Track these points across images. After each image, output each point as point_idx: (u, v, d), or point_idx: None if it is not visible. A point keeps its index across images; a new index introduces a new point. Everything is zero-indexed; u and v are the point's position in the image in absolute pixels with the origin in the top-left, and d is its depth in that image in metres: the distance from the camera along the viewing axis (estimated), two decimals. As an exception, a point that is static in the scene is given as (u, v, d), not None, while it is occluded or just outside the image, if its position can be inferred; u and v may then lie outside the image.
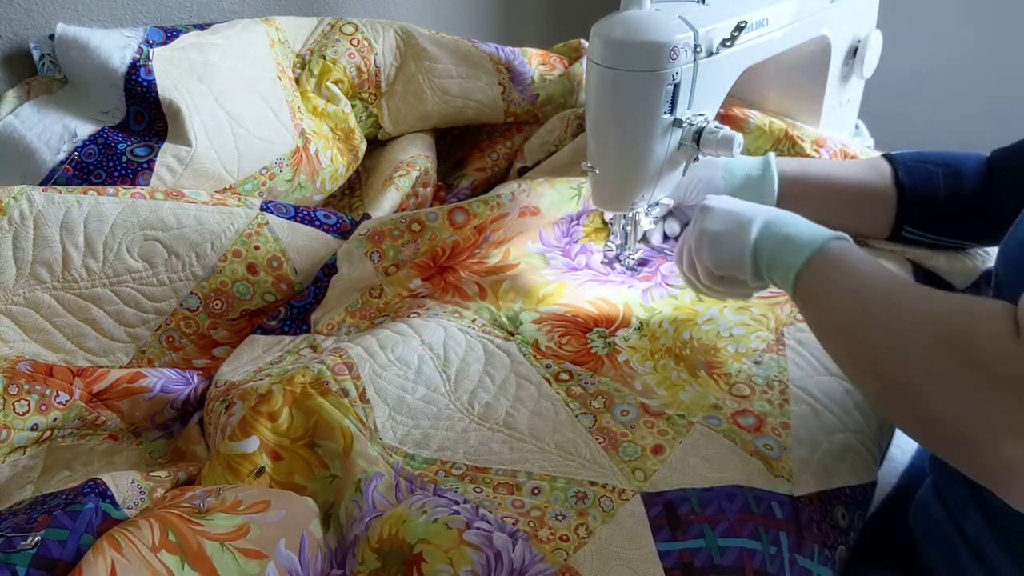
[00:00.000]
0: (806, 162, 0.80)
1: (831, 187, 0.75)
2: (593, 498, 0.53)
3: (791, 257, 0.55)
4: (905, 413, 0.47)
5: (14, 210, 0.64)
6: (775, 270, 0.57)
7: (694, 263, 0.64)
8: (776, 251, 0.57)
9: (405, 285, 0.77)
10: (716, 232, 0.61)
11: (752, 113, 0.90)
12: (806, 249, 0.55)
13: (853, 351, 0.51)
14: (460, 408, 0.63)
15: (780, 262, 0.56)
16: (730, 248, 0.60)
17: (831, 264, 0.54)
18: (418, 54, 0.95)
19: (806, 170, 0.76)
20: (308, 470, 0.57)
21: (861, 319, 0.50)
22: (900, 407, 0.47)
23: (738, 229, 0.60)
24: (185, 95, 0.74)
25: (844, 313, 0.51)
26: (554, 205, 0.82)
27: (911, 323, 0.46)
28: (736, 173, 0.78)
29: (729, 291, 0.65)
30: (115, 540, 0.45)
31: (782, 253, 0.56)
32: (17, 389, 0.61)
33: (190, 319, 0.72)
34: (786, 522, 0.53)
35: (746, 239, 0.59)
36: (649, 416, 0.62)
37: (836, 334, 0.53)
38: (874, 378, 0.49)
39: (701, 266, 0.64)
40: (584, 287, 0.79)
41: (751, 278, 0.60)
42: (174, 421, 0.68)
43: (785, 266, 0.56)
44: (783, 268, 0.56)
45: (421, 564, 0.48)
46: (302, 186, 0.84)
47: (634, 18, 0.64)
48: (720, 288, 0.64)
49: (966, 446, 0.43)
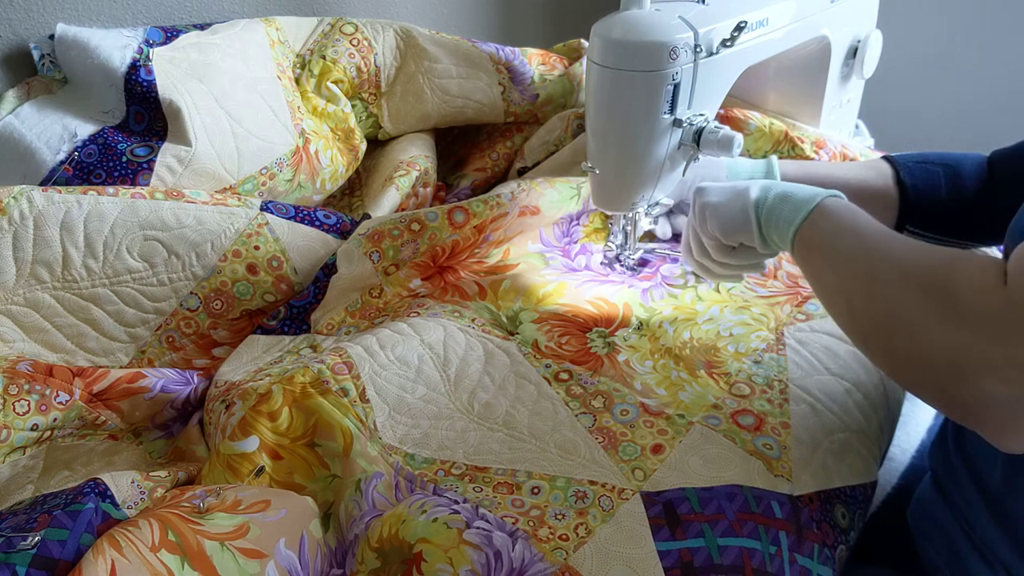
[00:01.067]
0: (807, 164, 0.80)
1: (833, 188, 0.76)
2: (593, 497, 0.53)
3: (789, 214, 0.58)
4: (891, 353, 0.49)
5: (14, 210, 0.64)
6: (774, 227, 0.59)
7: (702, 244, 0.66)
8: (775, 208, 0.59)
9: (405, 285, 0.77)
10: (717, 203, 0.63)
11: (752, 114, 0.90)
12: (804, 205, 0.57)
13: (849, 300, 0.52)
14: (460, 408, 0.63)
15: (780, 219, 0.58)
16: (733, 212, 0.62)
17: (828, 218, 0.56)
18: (418, 54, 0.95)
19: (808, 172, 0.76)
20: (308, 470, 0.57)
21: (856, 266, 0.52)
22: (886, 347, 0.49)
23: (737, 195, 0.62)
24: (185, 95, 0.75)
25: (841, 263, 0.53)
26: (554, 205, 0.82)
27: (901, 268, 0.49)
28: (739, 174, 0.78)
29: (743, 264, 0.66)
30: (115, 540, 0.45)
31: (781, 210, 0.58)
32: (17, 389, 0.61)
33: (190, 319, 0.72)
34: (786, 521, 0.53)
35: (747, 200, 0.61)
36: (649, 416, 0.62)
37: (834, 288, 0.54)
38: (865, 319, 0.51)
39: (710, 240, 0.65)
40: (584, 287, 0.79)
41: (759, 242, 0.61)
42: (174, 421, 0.68)
43: (784, 222, 0.58)
44: (782, 225, 0.58)
45: (421, 563, 0.48)
46: (302, 186, 0.84)
47: (634, 18, 0.64)
48: (733, 262, 0.66)
49: (947, 382, 0.45)
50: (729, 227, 0.63)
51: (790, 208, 0.58)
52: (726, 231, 0.63)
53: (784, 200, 0.59)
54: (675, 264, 0.82)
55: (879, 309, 0.49)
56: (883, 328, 0.49)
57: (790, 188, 0.60)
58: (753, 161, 0.79)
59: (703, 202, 0.65)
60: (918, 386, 0.49)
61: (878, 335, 0.50)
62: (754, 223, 0.61)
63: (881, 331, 0.49)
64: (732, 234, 0.63)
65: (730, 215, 0.62)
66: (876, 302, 0.49)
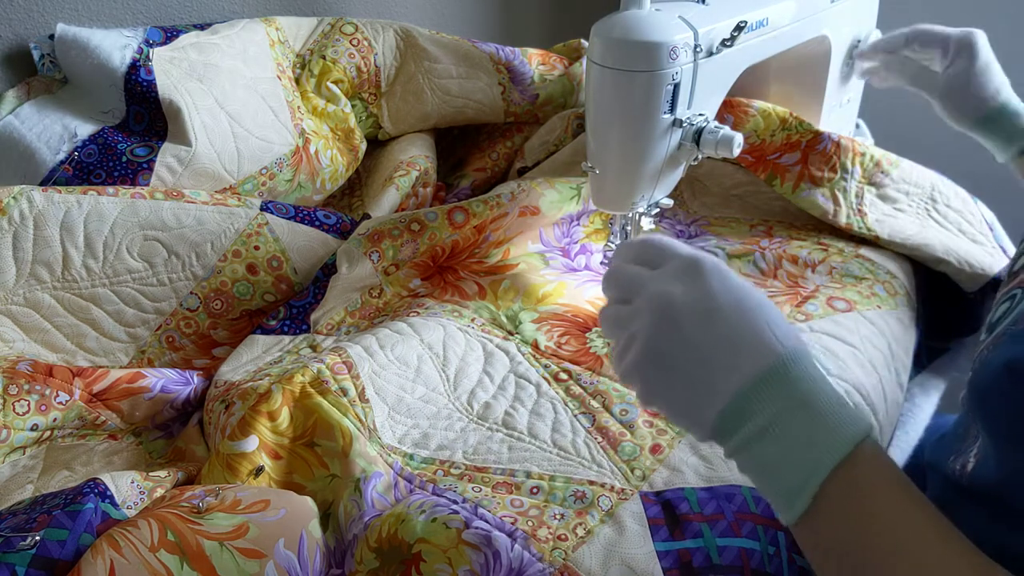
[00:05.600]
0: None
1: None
2: (592, 497, 0.53)
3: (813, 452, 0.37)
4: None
5: (14, 210, 0.64)
6: (754, 474, 0.39)
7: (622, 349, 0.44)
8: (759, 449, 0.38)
9: (405, 285, 0.77)
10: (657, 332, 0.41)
11: (754, 101, 0.89)
12: (836, 444, 0.37)
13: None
14: (459, 407, 0.63)
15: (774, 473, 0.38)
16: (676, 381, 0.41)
17: (868, 482, 0.37)
18: (418, 54, 0.95)
19: None
20: (307, 469, 0.57)
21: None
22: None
23: (703, 361, 0.40)
24: (185, 95, 0.75)
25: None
26: (554, 205, 0.82)
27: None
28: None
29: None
30: (114, 540, 0.45)
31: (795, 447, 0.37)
32: (17, 389, 0.61)
33: (190, 319, 0.72)
34: (785, 522, 0.53)
35: (716, 387, 0.39)
36: (648, 415, 0.62)
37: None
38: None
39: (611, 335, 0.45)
40: (584, 287, 0.79)
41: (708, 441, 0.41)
42: (174, 421, 0.68)
43: (780, 482, 0.38)
44: (777, 482, 0.38)
45: (420, 563, 0.48)
46: (302, 186, 0.84)
47: (634, 18, 0.64)
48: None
49: None
50: (658, 401, 0.42)
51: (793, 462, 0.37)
52: (647, 398, 0.42)
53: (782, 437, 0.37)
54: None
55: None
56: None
57: (811, 401, 0.37)
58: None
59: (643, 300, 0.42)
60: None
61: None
62: (702, 438, 0.40)
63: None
64: (653, 404, 0.42)
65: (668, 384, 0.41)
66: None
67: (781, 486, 0.38)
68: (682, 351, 0.40)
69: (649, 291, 0.42)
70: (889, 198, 0.88)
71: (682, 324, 0.40)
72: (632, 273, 0.44)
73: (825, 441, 0.37)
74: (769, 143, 0.87)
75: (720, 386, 0.38)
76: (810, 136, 0.87)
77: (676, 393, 0.40)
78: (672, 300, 0.40)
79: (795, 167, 0.88)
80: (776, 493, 0.38)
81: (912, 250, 0.84)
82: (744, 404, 0.38)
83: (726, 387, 0.38)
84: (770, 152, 0.88)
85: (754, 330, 0.39)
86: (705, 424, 0.39)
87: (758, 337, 0.39)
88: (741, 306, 0.40)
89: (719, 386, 0.39)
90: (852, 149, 0.88)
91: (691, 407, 0.40)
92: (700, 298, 0.40)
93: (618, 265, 0.46)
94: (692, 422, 0.40)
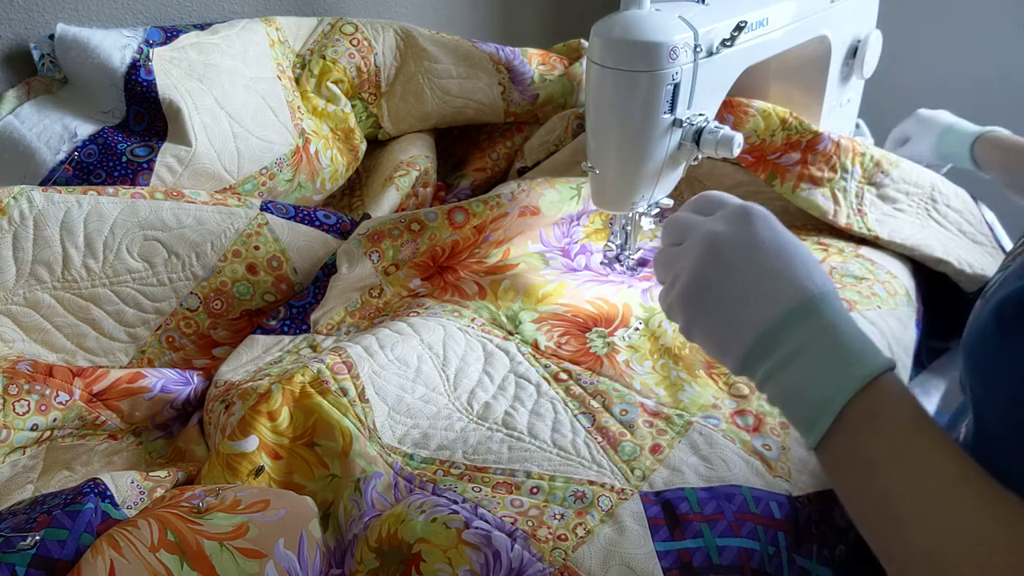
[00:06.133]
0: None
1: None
2: (592, 497, 0.53)
3: (833, 376, 0.39)
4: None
5: (14, 210, 0.64)
6: (780, 400, 0.42)
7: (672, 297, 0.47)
8: (789, 372, 0.41)
9: (405, 285, 0.77)
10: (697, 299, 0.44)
11: (754, 101, 0.90)
12: (857, 372, 0.39)
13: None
14: (459, 407, 0.63)
15: (797, 396, 0.41)
16: (717, 326, 0.44)
17: (887, 408, 0.38)
18: (418, 54, 0.95)
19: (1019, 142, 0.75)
20: (307, 469, 0.57)
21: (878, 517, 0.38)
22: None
23: (737, 307, 0.43)
24: (185, 95, 0.75)
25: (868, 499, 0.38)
26: (554, 205, 0.82)
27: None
28: (950, 144, 0.84)
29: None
30: (114, 540, 0.45)
31: (801, 382, 0.40)
32: (17, 389, 0.61)
33: (190, 319, 0.72)
34: (784, 522, 0.53)
35: (746, 327, 0.42)
36: (648, 415, 0.62)
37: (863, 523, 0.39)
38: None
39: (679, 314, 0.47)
40: (584, 287, 0.79)
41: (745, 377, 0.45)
42: (174, 421, 0.68)
43: (804, 405, 0.40)
44: (801, 405, 0.41)
45: (420, 563, 0.48)
46: (302, 186, 0.84)
47: (634, 18, 0.64)
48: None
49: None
50: (705, 337, 0.45)
51: (817, 386, 0.40)
52: (690, 330, 0.46)
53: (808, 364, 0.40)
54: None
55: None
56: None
57: (835, 339, 0.40)
58: (969, 126, 0.82)
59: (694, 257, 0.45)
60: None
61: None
62: (735, 366, 0.43)
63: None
64: (694, 338, 0.46)
65: (711, 326, 0.44)
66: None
67: (805, 407, 0.40)
68: (724, 280, 0.43)
69: (699, 231, 0.46)
70: (889, 198, 0.88)
71: (726, 256, 0.44)
72: (687, 218, 0.48)
73: (849, 366, 0.39)
74: (769, 143, 0.87)
75: (755, 315, 0.42)
76: (810, 136, 0.87)
77: (715, 320, 0.44)
78: (719, 236, 0.44)
79: (795, 167, 0.88)
80: (800, 415, 0.41)
81: (912, 250, 0.84)
82: (776, 332, 0.41)
83: (760, 317, 0.41)
84: (770, 152, 0.88)
85: (792, 269, 0.42)
86: (739, 351, 0.42)
87: (795, 275, 0.42)
88: (782, 248, 0.43)
89: (754, 315, 0.42)
90: (852, 149, 0.88)
91: (728, 334, 0.43)
92: (745, 236, 0.44)
93: (677, 214, 0.49)
94: (728, 349, 0.43)
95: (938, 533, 0.35)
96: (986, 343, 0.41)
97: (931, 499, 0.35)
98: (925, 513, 0.35)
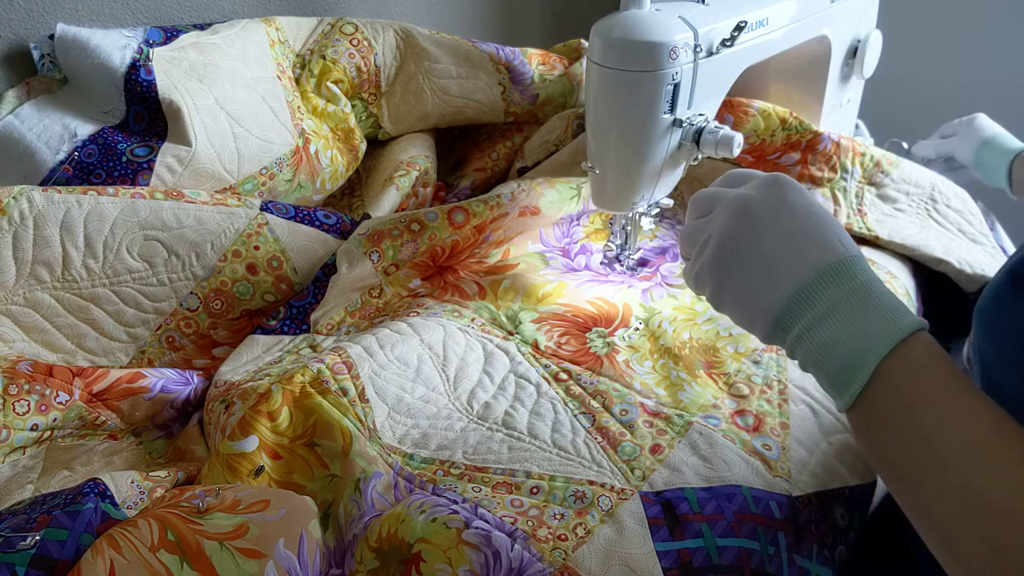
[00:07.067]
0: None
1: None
2: (592, 497, 0.53)
3: (845, 358, 0.40)
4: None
5: (14, 210, 0.64)
6: (813, 363, 0.42)
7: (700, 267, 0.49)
8: (822, 335, 0.40)
9: (405, 285, 0.77)
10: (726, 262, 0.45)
11: (754, 101, 0.90)
12: (893, 328, 0.39)
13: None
14: (459, 407, 0.63)
15: (830, 357, 0.41)
16: (744, 292, 0.45)
17: (923, 369, 0.38)
18: (418, 54, 0.95)
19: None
20: (307, 469, 0.57)
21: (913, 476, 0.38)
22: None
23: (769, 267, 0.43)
24: (185, 95, 0.75)
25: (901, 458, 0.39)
26: (554, 205, 0.82)
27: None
28: (990, 159, 0.82)
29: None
30: (114, 540, 0.45)
31: (833, 343, 0.40)
32: (17, 389, 0.61)
33: (190, 319, 0.72)
34: (784, 522, 0.53)
35: (774, 291, 0.43)
36: (648, 415, 0.62)
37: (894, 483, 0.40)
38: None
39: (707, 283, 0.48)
40: (584, 287, 0.79)
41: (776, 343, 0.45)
42: (174, 421, 0.68)
43: (839, 367, 0.40)
44: (835, 367, 0.40)
45: (420, 563, 0.48)
46: (302, 186, 0.84)
47: (634, 18, 0.64)
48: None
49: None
50: (730, 304, 0.46)
51: (848, 345, 0.39)
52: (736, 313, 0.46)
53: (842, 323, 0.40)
54: (675, 263, 0.82)
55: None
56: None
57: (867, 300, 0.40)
58: (1012, 141, 0.81)
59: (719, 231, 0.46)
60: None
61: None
62: (767, 327, 0.44)
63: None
64: (721, 308, 0.47)
65: (740, 291, 0.45)
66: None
67: (839, 365, 0.40)
68: (755, 241, 0.43)
69: (729, 197, 0.46)
70: (889, 198, 0.88)
71: (757, 217, 0.44)
72: (715, 191, 0.48)
73: (885, 322, 0.39)
74: (769, 143, 0.87)
75: (788, 274, 0.42)
76: (810, 136, 0.87)
77: (746, 282, 0.44)
78: (749, 198, 0.45)
79: (795, 167, 0.88)
80: (835, 372, 0.40)
81: (912, 250, 0.84)
82: (809, 291, 0.41)
83: (793, 276, 0.42)
84: (770, 152, 0.88)
85: (822, 232, 0.43)
86: (772, 310, 0.42)
87: (825, 237, 0.42)
88: (812, 212, 0.44)
89: (787, 274, 0.42)
90: (852, 149, 0.88)
91: (760, 295, 0.43)
92: (776, 199, 0.44)
93: (704, 190, 0.49)
94: (760, 310, 0.43)
95: (981, 472, 0.35)
96: (1001, 305, 0.41)
97: (973, 440, 0.36)
98: (967, 452, 0.35)
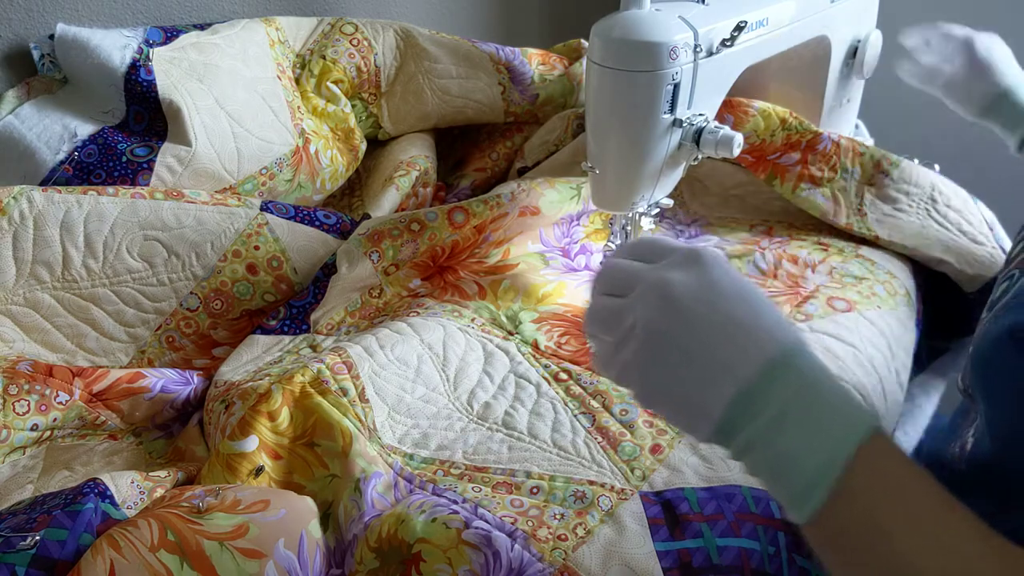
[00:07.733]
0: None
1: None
2: (592, 497, 0.53)
3: (800, 477, 0.35)
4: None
5: (14, 210, 0.65)
6: (766, 470, 0.37)
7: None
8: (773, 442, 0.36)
9: (405, 285, 0.77)
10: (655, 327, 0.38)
11: (754, 101, 0.90)
12: (850, 433, 0.35)
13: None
14: (459, 407, 0.63)
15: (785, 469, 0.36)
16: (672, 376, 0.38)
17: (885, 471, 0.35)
18: (418, 54, 0.95)
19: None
20: (307, 469, 0.57)
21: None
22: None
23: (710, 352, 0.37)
24: (185, 95, 0.75)
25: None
26: (554, 205, 0.82)
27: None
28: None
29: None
30: (114, 540, 0.45)
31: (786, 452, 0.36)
32: (17, 389, 0.61)
33: (190, 319, 0.72)
34: (784, 522, 0.53)
35: (724, 378, 0.37)
36: (648, 415, 0.62)
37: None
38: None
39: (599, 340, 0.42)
40: (584, 287, 0.79)
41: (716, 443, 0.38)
42: (174, 421, 0.68)
43: (792, 480, 0.36)
44: (786, 481, 0.36)
45: (420, 563, 0.48)
46: (302, 186, 0.84)
47: (634, 18, 0.64)
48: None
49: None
50: (653, 390, 0.39)
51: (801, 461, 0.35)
52: (644, 391, 0.40)
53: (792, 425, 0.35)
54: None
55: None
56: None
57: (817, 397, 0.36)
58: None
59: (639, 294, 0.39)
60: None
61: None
62: (707, 433, 0.38)
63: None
64: (652, 402, 0.40)
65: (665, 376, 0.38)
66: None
67: (799, 477, 0.35)
68: (685, 336, 0.38)
69: (648, 280, 0.39)
70: (889, 198, 0.88)
71: (684, 308, 0.38)
72: (628, 266, 0.41)
73: (841, 427, 0.35)
74: (769, 143, 0.87)
75: (728, 373, 0.36)
76: (810, 136, 0.87)
77: (679, 385, 0.38)
78: (673, 285, 0.38)
79: (795, 167, 0.88)
80: (792, 486, 0.36)
81: (912, 250, 0.84)
82: (754, 392, 0.36)
83: (734, 374, 0.36)
84: (770, 152, 0.88)
85: (760, 318, 0.38)
86: (714, 415, 0.37)
87: (764, 325, 0.37)
88: (743, 294, 0.39)
89: (723, 375, 0.37)
90: (852, 149, 0.88)
91: (694, 398, 0.37)
92: (702, 284, 0.38)
93: (615, 261, 0.43)
94: (698, 414, 0.37)
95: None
96: (1003, 364, 0.40)
97: (963, 562, 0.33)
98: (942, 561, 0.33)
